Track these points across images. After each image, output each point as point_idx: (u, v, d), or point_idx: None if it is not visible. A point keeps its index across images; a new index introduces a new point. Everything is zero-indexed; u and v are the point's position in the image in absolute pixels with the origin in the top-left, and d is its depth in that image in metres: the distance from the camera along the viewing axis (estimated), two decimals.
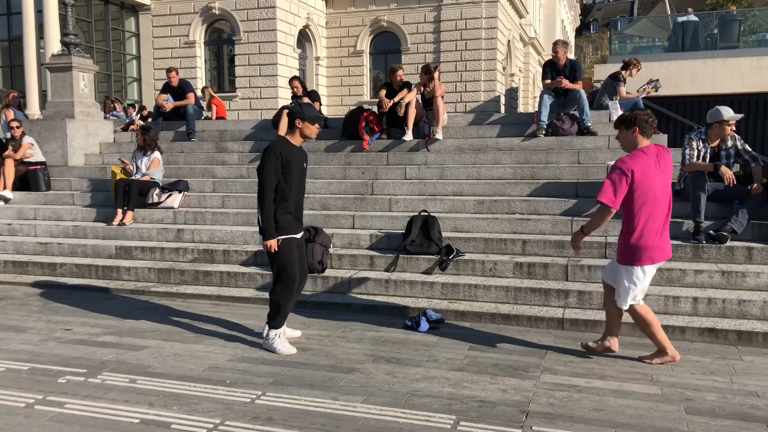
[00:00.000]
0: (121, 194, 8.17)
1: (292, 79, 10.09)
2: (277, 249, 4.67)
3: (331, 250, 6.79)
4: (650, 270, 4.33)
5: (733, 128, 6.26)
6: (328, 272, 6.51)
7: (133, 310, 6.05)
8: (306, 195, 8.01)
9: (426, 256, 6.43)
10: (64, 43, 10.50)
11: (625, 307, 4.38)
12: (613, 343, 4.61)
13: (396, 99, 8.90)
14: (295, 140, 4.79)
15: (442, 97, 9.01)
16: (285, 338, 4.86)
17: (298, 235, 4.88)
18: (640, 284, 4.32)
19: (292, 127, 4.78)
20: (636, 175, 4.13)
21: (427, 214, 6.78)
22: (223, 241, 7.50)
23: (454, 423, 3.50)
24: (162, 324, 5.55)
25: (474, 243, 6.61)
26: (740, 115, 6.25)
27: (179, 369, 4.39)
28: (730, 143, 6.34)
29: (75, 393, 3.95)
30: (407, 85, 9.13)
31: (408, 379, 4.18)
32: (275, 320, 4.82)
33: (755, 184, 6.08)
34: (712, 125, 6.27)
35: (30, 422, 3.52)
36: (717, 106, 6.30)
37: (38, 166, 9.51)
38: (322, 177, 8.69)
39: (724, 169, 6.15)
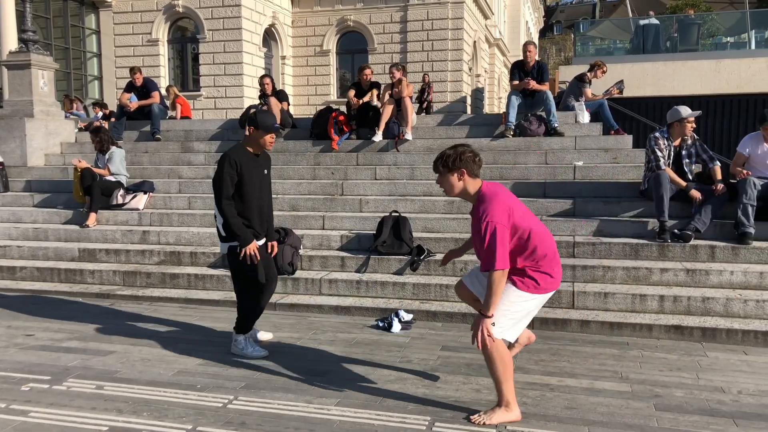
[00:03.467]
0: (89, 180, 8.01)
1: (263, 77, 9.98)
2: (251, 255, 4.53)
3: (301, 252, 6.73)
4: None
5: (693, 125, 6.42)
6: (298, 274, 6.46)
7: (98, 314, 5.90)
8: (275, 195, 7.95)
9: (397, 257, 6.43)
10: (22, 40, 10.20)
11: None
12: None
13: (365, 99, 8.90)
14: (253, 147, 4.60)
15: (411, 97, 9.02)
16: (253, 341, 4.80)
17: (260, 242, 4.77)
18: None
19: (248, 135, 4.59)
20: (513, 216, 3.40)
21: (398, 214, 6.78)
22: (190, 242, 7.37)
23: (429, 424, 3.50)
24: (128, 328, 5.43)
25: (445, 243, 6.63)
26: (698, 112, 6.44)
27: (148, 374, 4.30)
28: (690, 142, 6.50)
29: (39, 401, 3.83)
30: (376, 85, 9.13)
31: (382, 381, 4.16)
32: (241, 325, 4.74)
33: (719, 185, 6.21)
34: (673, 124, 6.44)
35: None
36: (675, 106, 6.49)
37: None
38: (291, 177, 8.62)
39: (693, 192, 6.26)
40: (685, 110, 6.35)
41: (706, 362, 4.54)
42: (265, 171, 4.73)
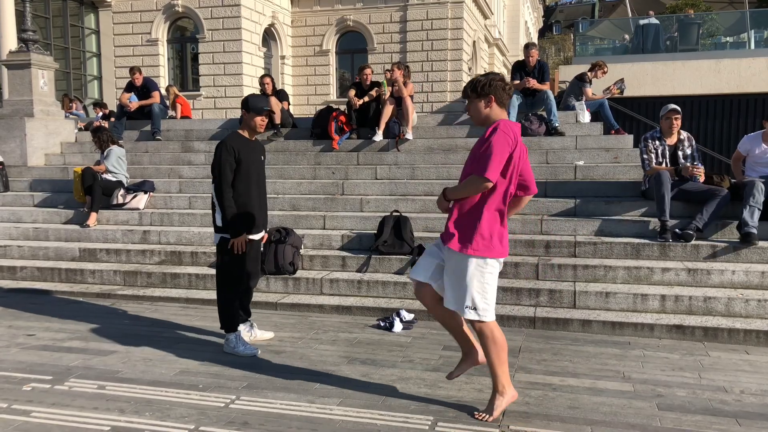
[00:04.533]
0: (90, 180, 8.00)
1: (263, 77, 9.98)
2: (240, 247, 4.59)
3: (302, 251, 6.73)
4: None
5: (676, 122, 6.43)
6: (299, 273, 6.45)
7: (99, 314, 5.89)
8: (275, 195, 7.95)
9: (398, 257, 6.43)
10: (22, 40, 10.18)
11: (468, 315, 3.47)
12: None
13: (365, 98, 8.90)
14: (247, 133, 4.73)
15: (411, 96, 9.02)
16: (244, 339, 4.81)
17: (257, 236, 4.82)
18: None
19: (242, 120, 4.78)
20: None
21: (398, 214, 6.78)
22: (190, 242, 7.36)
23: (431, 424, 3.49)
24: (130, 328, 5.42)
25: None
26: (672, 106, 6.45)
27: (150, 374, 4.29)
28: (687, 143, 6.53)
29: (41, 401, 3.82)
30: (377, 85, 9.12)
31: (384, 381, 4.16)
32: (226, 324, 4.76)
33: (689, 168, 6.30)
34: (661, 120, 6.55)
35: None
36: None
37: None
38: (292, 177, 8.61)
39: (684, 168, 6.35)
40: (665, 108, 6.50)
41: (708, 362, 4.54)
42: (261, 158, 4.84)
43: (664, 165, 6.52)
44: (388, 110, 8.80)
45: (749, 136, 6.57)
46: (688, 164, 6.42)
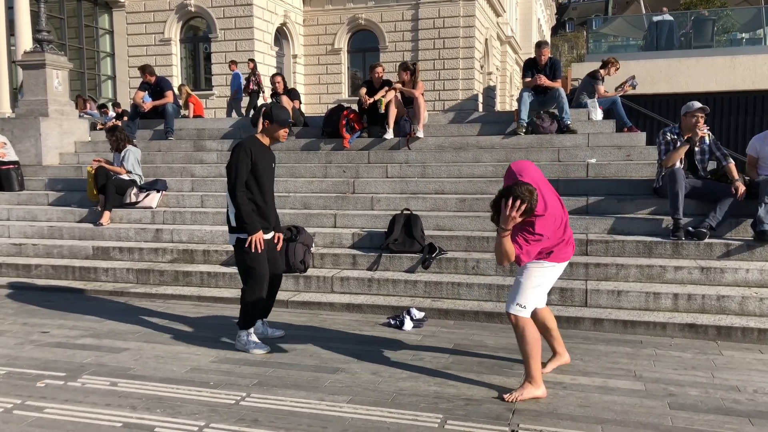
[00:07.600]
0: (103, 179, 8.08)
1: (274, 76, 10.01)
2: (255, 246, 4.62)
3: (313, 250, 6.75)
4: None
5: (701, 121, 6.33)
6: (310, 271, 6.47)
7: (112, 311, 5.95)
8: (287, 194, 7.98)
9: (409, 255, 6.42)
10: (37, 40, 10.28)
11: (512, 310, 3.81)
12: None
13: (377, 96, 8.89)
14: (265, 140, 4.78)
15: (422, 94, 9.01)
16: (256, 337, 4.83)
17: (267, 236, 4.83)
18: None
19: (255, 122, 4.79)
20: None
21: (409, 212, 6.78)
22: (202, 241, 7.41)
23: (441, 422, 3.49)
24: (142, 325, 5.46)
25: (456, 241, 6.62)
26: (698, 104, 6.33)
27: (161, 371, 4.32)
28: (704, 139, 6.46)
29: (54, 397, 3.86)
30: (388, 83, 9.12)
31: (393, 379, 4.16)
32: (243, 320, 4.78)
33: (740, 189, 6.05)
34: (683, 118, 6.45)
35: (9, 428, 3.43)
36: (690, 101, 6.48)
37: (11, 166, 9.29)
38: (303, 176, 8.63)
39: (694, 134, 6.28)
40: (692, 105, 6.36)
41: (721, 361, 4.50)
42: (273, 165, 4.89)
43: (678, 162, 6.45)
44: (393, 110, 8.80)
45: (757, 138, 6.50)
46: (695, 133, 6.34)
